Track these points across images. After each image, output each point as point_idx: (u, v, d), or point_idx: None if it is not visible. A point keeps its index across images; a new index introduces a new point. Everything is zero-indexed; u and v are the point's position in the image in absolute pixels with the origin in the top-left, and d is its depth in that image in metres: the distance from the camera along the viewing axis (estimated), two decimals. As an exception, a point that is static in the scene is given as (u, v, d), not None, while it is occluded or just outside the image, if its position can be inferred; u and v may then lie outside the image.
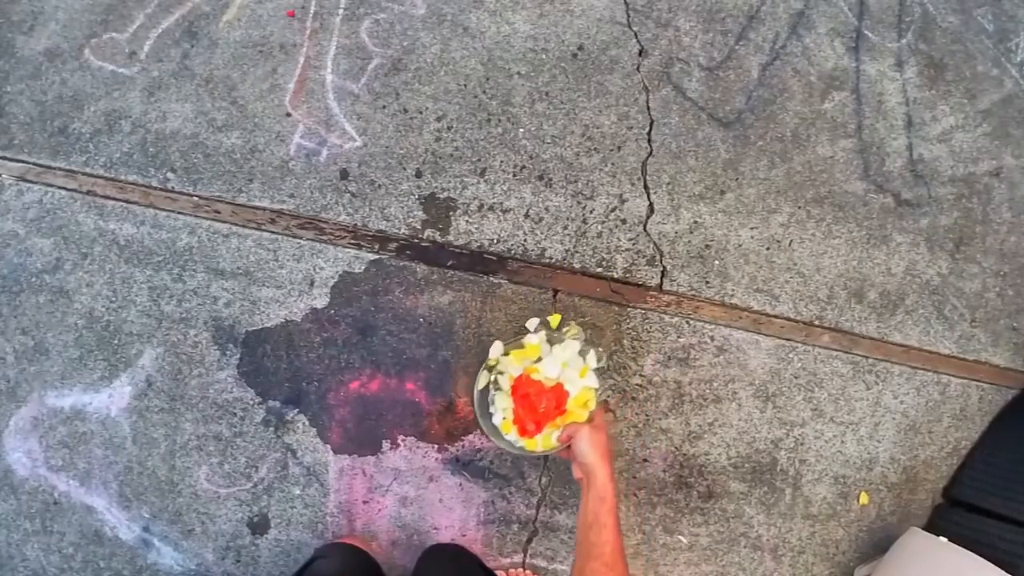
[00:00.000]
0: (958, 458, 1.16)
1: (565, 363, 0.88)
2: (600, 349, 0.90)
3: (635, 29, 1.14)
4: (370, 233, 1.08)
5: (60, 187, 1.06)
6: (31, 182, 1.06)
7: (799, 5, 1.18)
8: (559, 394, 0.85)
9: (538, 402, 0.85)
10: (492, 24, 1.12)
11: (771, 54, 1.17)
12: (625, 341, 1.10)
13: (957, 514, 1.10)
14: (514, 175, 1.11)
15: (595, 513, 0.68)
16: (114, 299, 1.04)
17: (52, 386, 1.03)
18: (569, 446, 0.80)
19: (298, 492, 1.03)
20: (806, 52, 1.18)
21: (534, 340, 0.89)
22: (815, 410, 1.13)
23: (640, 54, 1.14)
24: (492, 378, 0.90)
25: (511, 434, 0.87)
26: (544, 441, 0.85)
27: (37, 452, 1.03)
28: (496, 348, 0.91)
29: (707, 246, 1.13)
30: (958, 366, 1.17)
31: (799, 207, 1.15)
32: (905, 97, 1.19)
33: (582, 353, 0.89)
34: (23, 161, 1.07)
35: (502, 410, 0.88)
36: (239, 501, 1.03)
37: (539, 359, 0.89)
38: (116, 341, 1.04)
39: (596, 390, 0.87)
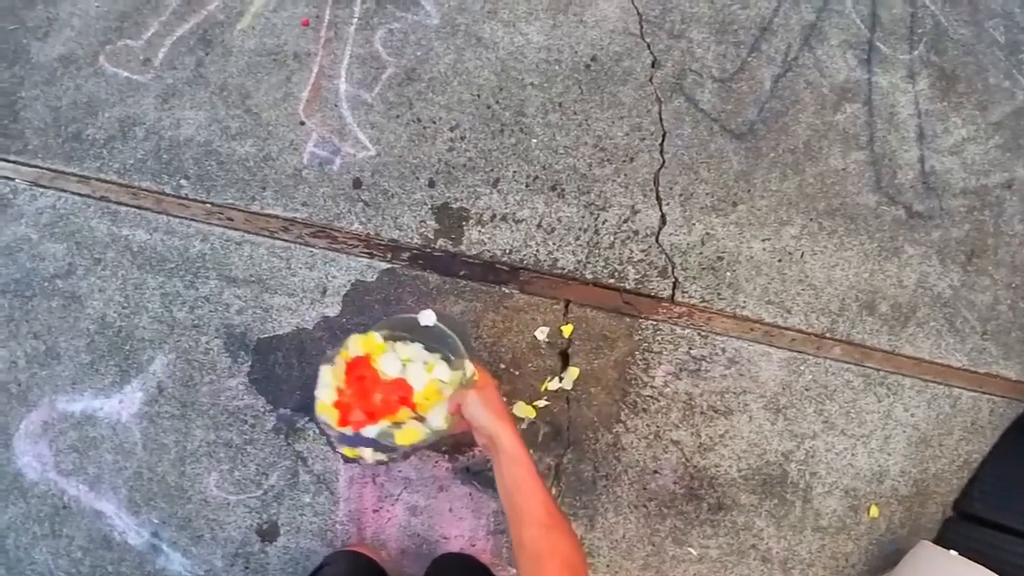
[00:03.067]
0: (969, 471, 1.16)
1: (407, 359, 0.78)
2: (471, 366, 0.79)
3: (648, 40, 1.14)
4: (383, 242, 1.08)
5: (73, 192, 1.06)
6: (44, 187, 1.07)
7: (811, 17, 1.18)
8: (401, 388, 0.75)
9: (372, 391, 0.74)
10: (506, 35, 1.12)
11: (783, 66, 1.17)
12: (636, 353, 1.10)
13: (967, 527, 1.10)
14: (527, 185, 1.11)
15: (513, 477, 0.62)
16: (126, 305, 1.04)
17: (63, 391, 1.03)
18: (462, 417, 0.71)
19: (308, 500, 1.03)
20: (818, 64, 1.18)
21: (378, 339, 0.79)
22: (826, 422, 1.13)
23: (653, 65, 1.14)
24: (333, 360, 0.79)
25: (324, 415, 0.75)
26: (406, 435, 0.74)
27: (47, 456, 1.03)
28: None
29: (719, 258, 1.13)
30: (969, 379, 1.17)
31: (811, 219, 1.15)
32: (917, 109, 1.19)
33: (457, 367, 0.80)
34: (37, 166, 1.07)
35: (326, 386, 0.75)
36: (249, 508, 1.03)
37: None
38: (128, 347, 1.04)
39: (445, 382, 0.77)
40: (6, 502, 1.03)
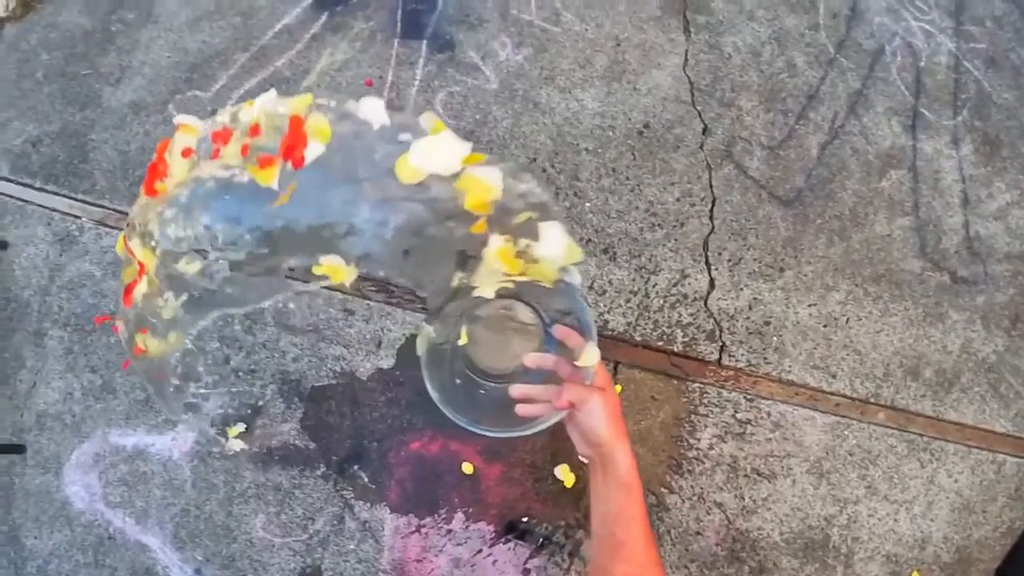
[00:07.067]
0: (1012, 538, 1.14)
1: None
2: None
3: (699, 108, 1.17)
4: (436, 296, 1.11)
5: (138, 235, 1.10)
6: (110, 227, 1.11)
7: (857, 85, 1.21)
8: (292, 135, 0.38)
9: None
10: (562, 101, 1.16)
11: (830, 133, 1.19)
12: (683, 415, 1.10)
13: (1010, 598, 1.08)
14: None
15: (620, 505, 0.54)
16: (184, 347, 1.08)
17: (116, 425, 1.06)
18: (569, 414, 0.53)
19: (353, 547, 1.05)
20: (864, 131, 1.20)
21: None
22: (869, 488, 1.13)
23: (704, 133, 1.17)
24: None
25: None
26: (328, 272, 0.39)
27: (96, 487, 1.06)
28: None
29: (766, 323, 1.14)
30: (1014, 445, 1.16)
31: (856, 285, 1.16)
32: (961, 174, 1.21)
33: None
34: (103, 206, 1.12)
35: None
36: (293, 551, 1.04)
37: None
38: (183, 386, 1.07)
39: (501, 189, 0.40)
40: (52, 528, 1.06)
